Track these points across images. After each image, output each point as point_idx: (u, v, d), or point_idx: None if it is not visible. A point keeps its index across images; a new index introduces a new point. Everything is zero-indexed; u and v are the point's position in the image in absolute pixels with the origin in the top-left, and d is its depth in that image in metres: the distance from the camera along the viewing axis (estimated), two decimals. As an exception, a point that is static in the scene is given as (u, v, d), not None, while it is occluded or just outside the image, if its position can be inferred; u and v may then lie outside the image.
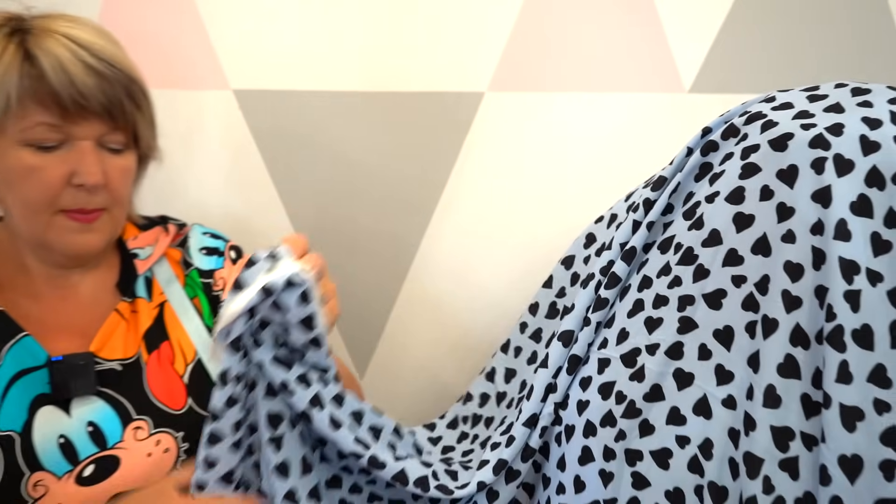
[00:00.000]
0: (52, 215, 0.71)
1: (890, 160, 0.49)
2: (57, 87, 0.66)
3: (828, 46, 0.85)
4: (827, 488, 0.46)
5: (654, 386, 0.55)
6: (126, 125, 0.72)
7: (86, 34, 0.69)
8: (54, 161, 0.69)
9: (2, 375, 0.71)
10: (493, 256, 1.00)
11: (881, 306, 0.47)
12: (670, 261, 0.57)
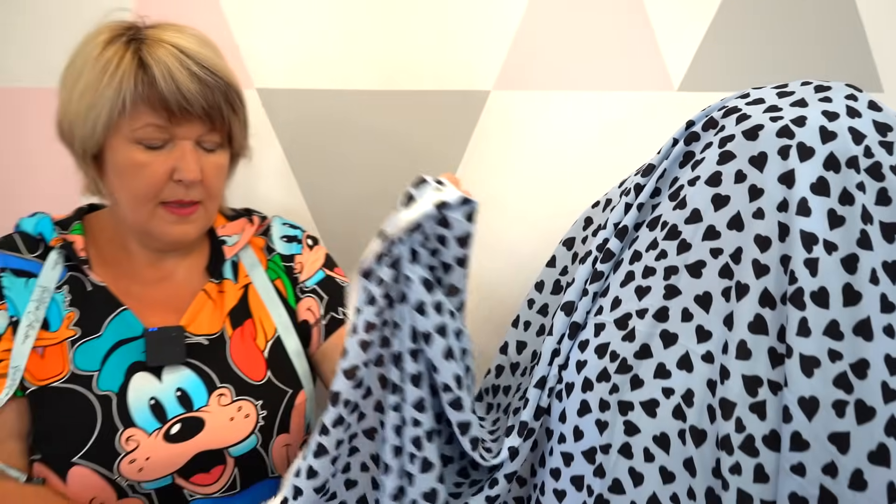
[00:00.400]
0: (154, 207, 0.79)
1: (845, 147, 0.57)
2: (166, 92, 0.73)
3: (803, 46, 0.92)
4: (788, 425, 0.54)
5: (643, 345, 0.63)
6: (223, 127, 0.79)
7: (191, 44, 0.76)
8: (159, 158, 0.77)
9: (103, 344, 0.79)
10: (501, 242, 1.08)
11: (836, 271, 0.55)
12: (657, 237, 0.65)
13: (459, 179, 0.63)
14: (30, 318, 0.78)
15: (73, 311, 0.81)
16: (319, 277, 0.92)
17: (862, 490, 0.52)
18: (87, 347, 0.79)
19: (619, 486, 0.63)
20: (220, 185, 0.84)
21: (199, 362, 0.82)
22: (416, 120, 1.07)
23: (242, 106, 0.81)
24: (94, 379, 0.78)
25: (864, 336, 0.53)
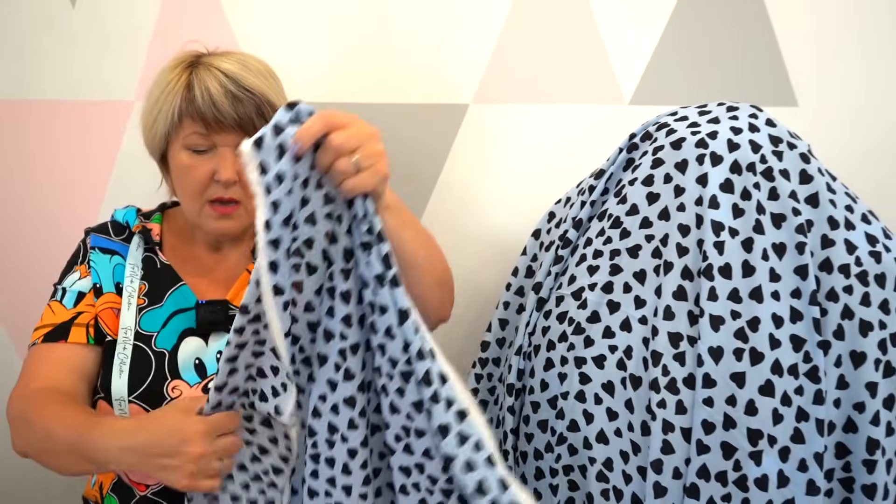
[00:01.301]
0: (202, 204, 0.91)
1: (745, 155, 0.73)
2: (202, 106, 0.86)
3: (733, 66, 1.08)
4: (701, 369, 0.70)
5: (593, 312, 0.78)
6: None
7: (234, 67, 0.88)
8: (203, 161, 0.89)
9: (164, 311, 0.93)
10: (480, 237, 1.22)
11: (737, 251, 0.71)
12: (605, 226, 0.81)
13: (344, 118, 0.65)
14: (129, 290, 0.94)
15: (143, 284, 0.95)
16: None
17: (754, 415, 0.68)
18: (151, 314, 0.93)
19: (575, 425, 0.78)
20: None
21: None
22: (403, 130, 1.21)
23: None
24: (154, 339, 0.91)
25: (757, 300, 0.70)
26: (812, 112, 1.05)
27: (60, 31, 1.30)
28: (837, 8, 1.04)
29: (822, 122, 1.04)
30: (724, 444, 0.69)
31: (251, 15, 1.22)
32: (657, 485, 0.71)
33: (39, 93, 1.33)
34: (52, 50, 1.31)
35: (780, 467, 0.68)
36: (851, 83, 1.05)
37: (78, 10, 1.27)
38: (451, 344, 1.22)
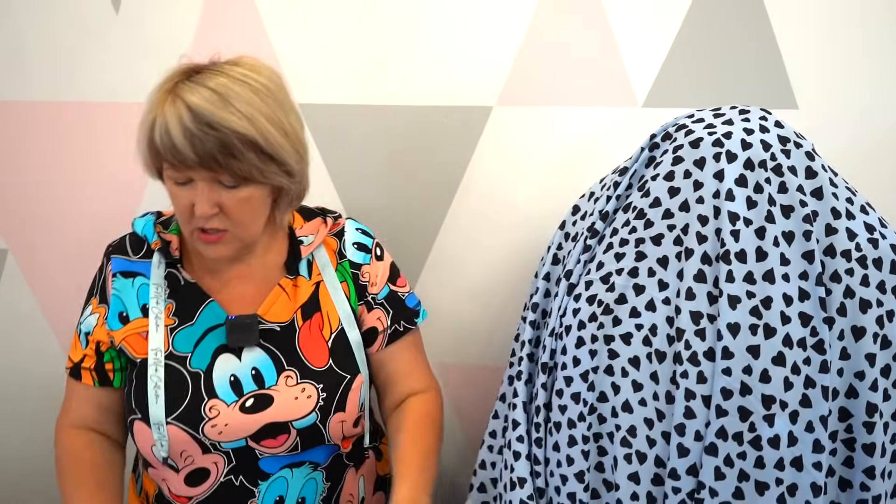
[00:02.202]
0: (191, 231, 0.89)
1: (757, 153, 0.82)
2: (160, 146, 0.82)
3: (739, 70, 1.17)
4: (720, 342, 0.78)
5: (620, 294, 0.87)
6: (224, 171, 0.82)
7: (203, 98, 0.80)
8: (184, 193, 0.85)
9: (197, 330, 0.93)
10: (504, 235, 1.30)
11: (751, 238, 0.80)
12: (629, 217, 0.90)
13: None
14: (155, 312, 0.92)
15: (171, 303, 0.94)
16: (386, 292, 1.03)
17: (767, 383, 0.77)
18: (183, 333, 0.93)
19: (604, 396, 0.87)
20: (247, 215, 0.88)
21: (272, 346, 0.94)
22: (431, 132, 1.29)
23: (252, 149, 0.83)
24: (188, 359, 0.92)
25: (769, 281, 0.79)
26: (811, 114, 1.14)
27: (103, 36, 1.37)
28: (836, 15, 1.13)
29: (821, 123, 1.13)
30: (740, 409, 0.77)
31: (287, 22, 1.30)
32: (680, 446, 0.80)
33: (81, 95, 1.41)
34: (94, 54, 1.38)
35: (790, 429, 0.76)
36: (848, 87, 1.14)
37: (121, 16, 1.34)
38: (478, 329, 1.31)
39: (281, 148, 0.86)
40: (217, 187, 0.85)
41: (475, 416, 1.40)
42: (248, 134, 0.81)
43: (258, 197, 0.88)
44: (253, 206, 0.89)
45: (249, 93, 0.83)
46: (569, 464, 0.89)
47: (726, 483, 0.78)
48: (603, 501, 0.88)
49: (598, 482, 0.88)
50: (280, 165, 0.87)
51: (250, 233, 0.92)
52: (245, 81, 0.84)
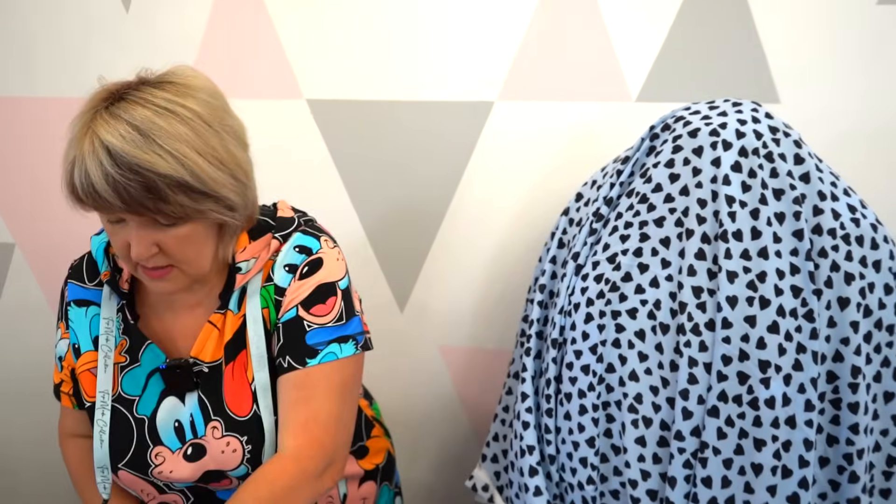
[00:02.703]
0: (133, 267, 0.80)
1: (750, 142, 0.90)
2: (83, 197, 0.73)
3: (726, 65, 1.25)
4: (720, 314, 0.86)
5: (626, 273, 0.94)
6: (156, 212, 0.73)
7: (119, 138, 0.70)
8: (118, 231, 0.77)
9: (142, 371, 0.88)
10: (505, 223, 1.37)
11: (746, 219, 0.88)
12: (633, 202, 0.97)
13: None
14: (104, 350, 0.86)
15: (124, 339, 0.89)
16: (288, 317, 0.86)
17: (763, 349, 0.85)
18: (131, 374, 0.89)
19: (612, 367, 0.94)
20: (189, 252, 0.80)
21: (203, 391, 0.87)
22: (435, 125, 1.35)
23: (181, 190, 0.73)
24: (135, 403, 0.88)
25: (763, 257, 0.86)
26: (793, 108, 1.23)
27: (114, 35, 1.41)
28: (817, 16, 1.21)
29: (801, 116, 1.21)
30: (739, 373, 0.85)
31: (295, 20, 1.34)
32: (685, 409, 0.87)
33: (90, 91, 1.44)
34: (104, 52, 1.41)
35: (784, 390, 0.84)
36: (826, 82, 1.23)
37: (132, 15, 1.38)
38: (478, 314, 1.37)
39: (215, 182, 0.76)
40: (152, 227, 0.76)
41: (476, 395, 1.46)
42: (175, 175, 0.72)
43: (200, 231, 0.79)
44: (195, 242, 0.80)
45: (176, 124, 0.73)
46: (580, 431, 0.96)
47: (728, 442, 0.86)
48: (612, 465, 0.95)
49: (607, 447, 0.95)
50: (217, 201, 0.77)
51: (196, 268, 0.82)
52: (171, 111, 0.73)
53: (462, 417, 1.48)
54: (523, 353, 1.07)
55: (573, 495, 0.98)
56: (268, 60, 1.36)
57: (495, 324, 1.42)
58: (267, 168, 1.35)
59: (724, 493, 0.86)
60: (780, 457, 0.85)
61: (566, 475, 0.99)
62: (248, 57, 1.36)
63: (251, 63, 1.37)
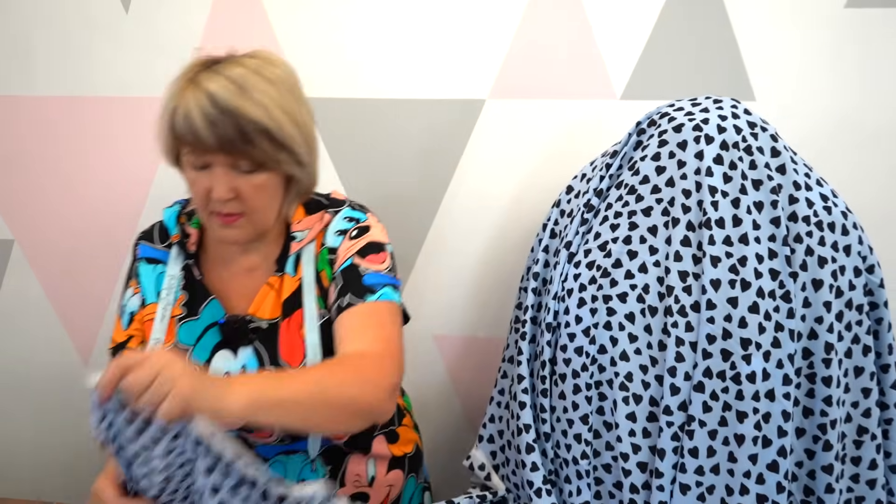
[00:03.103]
0: (208, 214, 0.91)
1: (731, 136, 0.96)
2: (182, 131, 0.84)
3: (705, 64, 1.32)
4: (704, 296, 0.93)
5: (616, 259, 1.01)
6: (241, 155, 0.86)
7: (222, 86, 0.83)
8: (202, 177, 0.88)
9: (200, 324, 0.96)
10: (496, 218, 1.42)
11: (728, 207, 0.94)
12: (622, 193, 1.03)
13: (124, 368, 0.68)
14: (164, 302, 0.95)
15: (183, 294, 0.97)
16: (345, 266, 0.95)
17: (745, 328, 0.91)
18: (188, 326, 0.96)
19: (604, 348, 1.00)
20: (261, 201, 0.91)
21: (260, 345, 0.95)
22: (429, 123, 1.40)
23: (264, 137, 0.85)
24: (189, 352, 0.94)
25: (744, 243, 0.93)
26: (766, 104, 1.31)
27: (114, 34, 1.44)
28: (787, 18, 1.29)
29: (775, 112, 1.29)
30: (723, 351, 0.92)
31: (292, 20, 1.39)
32: (672, 385, 0.94)
33: (91, 90, 1.47)
34: (105, 51, 1.45)
35: (764, 366, 0.91)
36: (797, 80, 1.31)
37: (131, 15, 1.42)
38: (471, 303, 1.43)
39: (292, 138, 0.88)
40: (234, 173, 0.88)
41: (470, 382, 1.52)
42: (262, 122, 0.84)
43: (272, 184, 0.91)
44: (267, 193, 0.91)
45: (265, 83, 0.86)
46: (574, 409, 1.02)
47: (712, 414, 0.92)
48: (604, 440, 1.01)
49: (599, 424, 1.01)
50: (291, 154, 0.90)
51: (264, 219, 0.93)
52: (261, 73, 0.87)
53: (456, 404, 1.54)
54: (518, 338, 1.13)
55: (568, 470, 1.04)
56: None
57: (488, 313, 1.48)
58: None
59: (710, 462, 0.93)
60: (760, 427, 0.91)
61: (561, 451, 1.05)
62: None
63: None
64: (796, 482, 0.95)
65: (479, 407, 1.47)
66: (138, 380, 0.66)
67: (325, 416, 0.80)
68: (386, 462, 1.09)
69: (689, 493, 0.93)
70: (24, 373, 1.61)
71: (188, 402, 0.67)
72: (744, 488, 0.92)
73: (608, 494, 1.01)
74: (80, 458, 1.64)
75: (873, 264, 0.96)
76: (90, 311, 1.57)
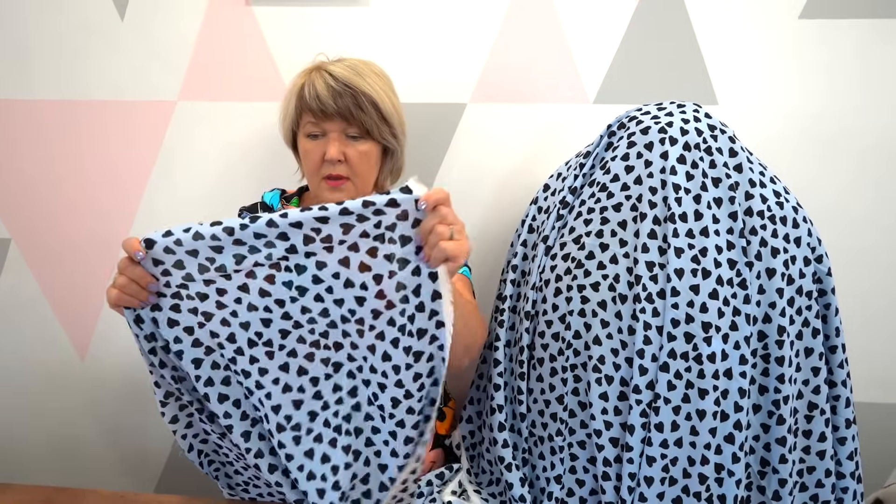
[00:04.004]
0: (319, 180, 1.13)
1: (692, 138, 1.05)
2: (309, 101, 1.09)
3: (672, 70, 1.42)
4: (669, 283, 1.01)
5: (589, 252, 1.09)
6: (356, 122, 1.10)
7: (340, 69, 1.10)
8: (317, 146, 1.12)
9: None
10: (474, 213, 1.51)
11: (690, 203, 1.03)
12: (594, 191, 1.12)
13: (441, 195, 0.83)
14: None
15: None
16: None
17: (706, 313, 1.00)
18: None
19: (579, 334, 1.08)
20: (365, 167, 1.14)
21: None
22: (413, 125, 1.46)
23: (374, 107, 1.10)
24: None
25: (705, 235, 1.02)
26: (728, 108, 1.40)
27: (109, 40, 1.50)
28: (747, 27, 1.39)
29: (737, 115, 1.39)
30: (686, 334, 1.01)
31: (281, 28, 1.46)
32: (641, 366, 1.02)
33: (86, 93, 1.53)
34: (101, 56, 1.50)
35: (723, 347, 1.00)
36: (757, 86, 1.41)
37: (126, 23, 1.47)
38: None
39: (392, 116, 1.14)
40: (345, 139, 1.11)
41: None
42: (373, 96, 1.09)
43: (373, 154, 1.14)
44: (370, 160, 1.14)
45: (374, 74, 1.13)
46: (551, 390, 1.11)
47: (676, 392, 1.01)
48: (579, 419, 1.09)
49: (574, 403, 1.09)
50: (390, 128, 1.14)
51: (364, 186, 1.15)
52: (370, 67, 1.15)
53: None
54: (497, 326, 1.21)
55: (542, 447, 1.13)
56: (256, 65, 1.47)
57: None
58: (256, 164, 1.47)
59: (674, 436, 1.02)
60: (719, 403, 1.00)
61: (536, 430, 1.13)
62: (238, 62, 1.46)
63: (241, 67, 1.47)
64: (753, 455, 1.04)
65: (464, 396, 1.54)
66: (448, 215, 0.82)
67: (465, 332, 0.97)
68: (431, 439, 1.19)
69: (655, 464, 1.02)
70: (20, 370, 1.65)
71: (458, 256, 0.81)
72: (704, 458, 1.00)
73: (582, 469, 1.09)
74: (79, 448, 1.70)
75: (822, 254, 1.05)
76: (85, 308, 1.62)
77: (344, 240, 0.84)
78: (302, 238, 0.83)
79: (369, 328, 0.90)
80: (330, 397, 0.93)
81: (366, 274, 0.87)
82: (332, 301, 0.89)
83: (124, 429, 1.66)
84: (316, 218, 0.81)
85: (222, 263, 0.83)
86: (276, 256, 0.84)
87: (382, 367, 0.91)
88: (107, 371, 1.64)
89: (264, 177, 1.49)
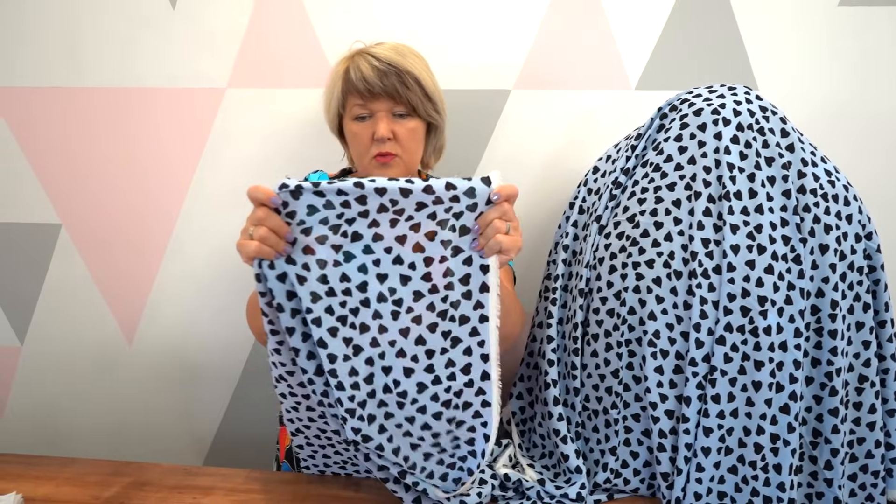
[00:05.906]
0: (369, 160, 1.15)
1: (745, 119, 1.08)
2: (356, 82, 1.12)
3: (714, 54, 1.45)
4: (725, 259, 1.04)
5: (644, 230, 1.12)
6: (402, 99, 1.12)
7: (382, 51, 1.13)
8: (365, 127, 1.14)
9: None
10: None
11: (744, 182, 1.06)
12: (648, 171, 1.15)
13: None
14: None
15: None
16: None
17: (761, 287, 1.03)
18: None
19: (633, 310, 1.12)
20: (413, 143, 1.17)
21: None
22: (458, 111, 1.50)
23: (418, 85, 1.13)
24: None
25: (759, 212, 1.05)
26: (768, 94, 1.43)
27: (160, 29, 1.53)
28: (786, 14, 1.42)
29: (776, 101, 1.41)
30: (742, 308, 1.04)
31: (329, 14, 1.49)
32: (697, 340, 1.06)
33: (137, 81, 1.56)
34: (152, 45, 1.54)
35: (778, 321, 1.03)
36: (794, 71, 1.44)
37: (178, 12, 1.51)
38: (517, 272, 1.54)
39: (433, 94, 1.17)
40: (392, 118, 1.14)
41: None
42: (417, 74, 1.13)
43: (420, 130, 1.18)
44: (417, 136, 1.18)
45: (414, 55, 1.17)
46: (605, 365, 1.14)
47: (733, 364, 1.04)
48: (633, 392, 1.13)
49: (629, 378, 1.13)
50: (434, 105, 1.18)
51: (412, 161, 1.18)
52: (411, 49, 1.18)
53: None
54: (549, 304, 1.24)
55: (597, 420, 1.16)
56: (305, 53, 1.50)
57: (517, 286, 1.58)
58: (301, 149, 1.50)
59: (730, 406, 1.05)
60: (774, 375, 1.04)
61: (591, 404, 1.17)
62: (286, 49, 1.50)
63: (289, 55, 1.50)
64: (805, 426, 1.07)
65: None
66: (509, 211, 0.86)
67: (507, 323, 1.00)
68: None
69: (712, 434, 1.05)
70: (71, 353, 1.69)
71: (510, 251, 0.86)
72: (760, 429, 1.04)
73: (636, 441, 1.13)
74: (125, 430, 1.73)
75: (871, 231, 1.08)
76: (133, 293, 1.65)
77: (412, 216, 0.87)
78: (378, 205, 0.86)
79: (406, 310, 0.92)
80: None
81: (417, 254, 0.89)
82: (375, 275, 0.90)
83: (169, 411, 1.70)
84: (401, 189, 0.84)
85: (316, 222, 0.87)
86: (344, 218, 0.87)
87: (414, 351, 0.94)
88: (152, 355, 1.67)
89: (310, 161, 1.52)
